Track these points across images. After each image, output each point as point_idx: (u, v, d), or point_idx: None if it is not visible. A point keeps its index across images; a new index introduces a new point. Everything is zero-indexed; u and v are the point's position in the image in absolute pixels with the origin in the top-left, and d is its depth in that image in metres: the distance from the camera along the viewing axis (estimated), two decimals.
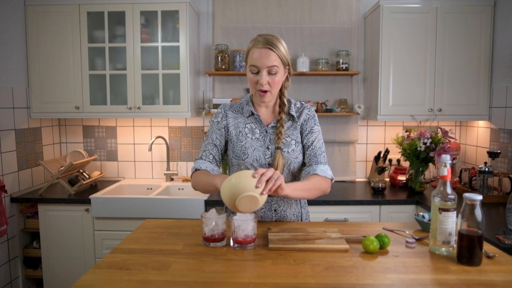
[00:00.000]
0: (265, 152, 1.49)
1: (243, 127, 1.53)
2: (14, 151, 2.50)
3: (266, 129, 1.52)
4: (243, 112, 1.56)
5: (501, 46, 2.53)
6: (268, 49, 1.40)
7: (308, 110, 1.58)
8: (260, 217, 1.55)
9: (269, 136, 1.51)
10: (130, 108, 2.65)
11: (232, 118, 1.56)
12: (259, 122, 1.53)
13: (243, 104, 1.58)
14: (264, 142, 1.50)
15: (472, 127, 2.86)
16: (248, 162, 1.49)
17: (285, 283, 1.00)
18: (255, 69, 1.42)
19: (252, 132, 1.52)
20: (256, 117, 1.53)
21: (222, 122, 1.56)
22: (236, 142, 1.52)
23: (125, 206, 2.40)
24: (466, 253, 1.10)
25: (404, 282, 1.00)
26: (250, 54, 1.44)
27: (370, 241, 1.19)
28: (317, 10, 2.90)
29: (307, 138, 1.55)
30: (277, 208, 1.55)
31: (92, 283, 1.00)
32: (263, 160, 1.49)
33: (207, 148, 1.55)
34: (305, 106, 1.60)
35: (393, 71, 2.62)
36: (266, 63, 1.40)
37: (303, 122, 1.56)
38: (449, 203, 1.16)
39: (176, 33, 2.65)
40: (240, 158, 1.50)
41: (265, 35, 1.45)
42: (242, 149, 1.50)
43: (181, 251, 1.22)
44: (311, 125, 1.56)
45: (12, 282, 2.47)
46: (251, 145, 1.50)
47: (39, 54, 2.63)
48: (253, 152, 1.49)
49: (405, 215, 2.41)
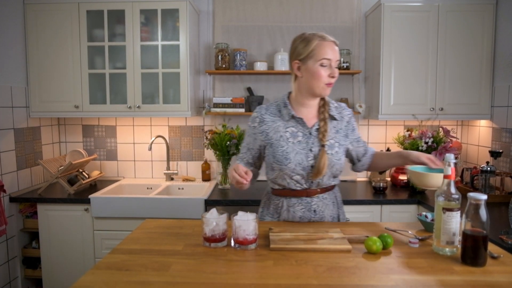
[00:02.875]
0: (307, 154, 1.47)
1: (284, 131, 1.50)
2: (13, 150, 2.48)
3: (310, 131, 1.49)
4: (282, 115, 1.52)
5: (503, 45, 2.52)
6: (334, 44, 1.47)
7: (347, 111, 1.61)
8: (299, 217, 1.53)
9: (312, 138, 1.49)
10: (130, 107, 2.64)
11: (271, 122, 1.52)
12: (301, 125, 1.50)
13: (280, 107, 1.54)
14: (307, 144, 1.48)
15: (474, 127, 2.85)
16: (291, 167, 1.46)
17: (287, 284, 0.99)
18: (327, 62, 1.43)
19: (293, 136, 1.49)
20: (298, 120, 1.50)
21: (259, 128, 1.53)
22: (277, 147, 1.48)
23: (124, 206, 2.39)
24: (470, 253, 1.09)
25: (408, 283, 0.99)
26: (320, 47, 1.44)
27: (373, 241, 1.18)
28: (318, 9, 2.89)
29: (352, 135, 1.60)
30: (316, 208, 1.53)
31: (91, 284, 0.99)
32: (305, 162, 1.46)
33: (243, 153, 1.61)
34: (342, 106, 1.62)
35: (395, 70, 2.61)
36: (336, 57, 1.45)
37: (347, 123, 1.59)
38: (453, 203, 1.15)
39: (176, 32, 2.63)
40: (282, 163, 1.46)
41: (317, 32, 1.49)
42: (284, 154, 1.47)
43: (181, 252, 1.21)
44: (353, 123, 1.61)
45: (11, 282, 2.46)
46: (293, 149, 1.47)
47: (38, 52, 2.62)
48: (295, 156, 1.46)
49: (407, 215, 2.40)
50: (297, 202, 1.52)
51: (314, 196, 1.52)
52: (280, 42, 2.91)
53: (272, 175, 1.54)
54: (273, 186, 1.57)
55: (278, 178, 1.51)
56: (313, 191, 1.51)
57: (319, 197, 1.53)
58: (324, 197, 1.54)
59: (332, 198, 1.57)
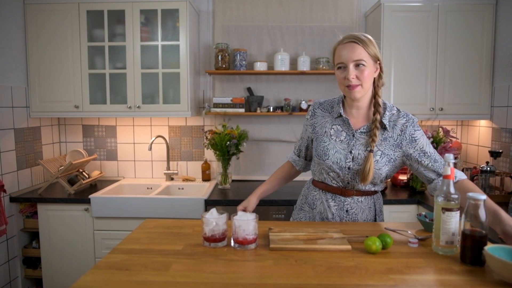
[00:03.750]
0: (347, 155, 1.45)
1: (330, 128, 1.51)
2: (13, 150, 2.49)
3: (353, 133, 1.47)
4: (333, 111, 1.53)
5: (503, 45, 2.52)
6: (353, 43, 1.38)
7: (403, 120, 1.46)
8: (332, 213, 1.52)
9: (355, 140, 1.46)
10: (130, 107, 2.64)
11: (320, 116, 1.55)
12: (347, 125, 1.48)
13: (334, 103, 1.55)
14: (348, 145, 1.46)
15: (473, 127, 2.85)
16: (328, 164, 1.47)
17: (287, 284, 0.99)
18: (342, 65, 1.40)
19: (337, 135, 1.49)
20: (345, 119, 1.48)
21: (310, 120, 1.58)
22: (320, 142, 1.51)
23: (125, 205, 2.39)
24: (470, 253, 1.09)
25: (407, 283, 0.99)
26: (337, 52, 1.42)
27: (373, 241, 1.18)
28: (318, 9, 2.89)
29: (412, 146, 1.44)
30: (349, 209, 1.52)
31: (91, 284, 0.99)
32: (343, 163, 1.45)
33: (298, 140, 1.70)
34: (401, 114, 1.47)
35: (394, 70, 2.61)
36: (352, 57, 1.37)
37: (400, 133, 1.45)
38: (452, 202, 1.15)
39: (176, 32, 2.64)
40: (321, 158, 1.49)
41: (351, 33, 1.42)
42: (324, 149, 1.48)
43: (181, 252, 1.21)
44: (411, 132, 1.44)
45: (12, 282, 2.46)
46: (334, 147, 1.47)
47: (38, 53, 2.62)
48: (334, 154, 1.46)
49: (407, 215, 2.40)
50: (332, 198, 1.53)
51: (348, 197, 1.51)
52: (280, 42, 2.91)
53: (314, 166, 1.59)
54: (314, 176, 1.61)
55: (317, 171, 1.56)
56: (349, 191, 1.50)
57: (353, 199, 1.51)
58: (360, 200, 1.51)
59: (369, 204, 1.53)
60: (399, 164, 1.50)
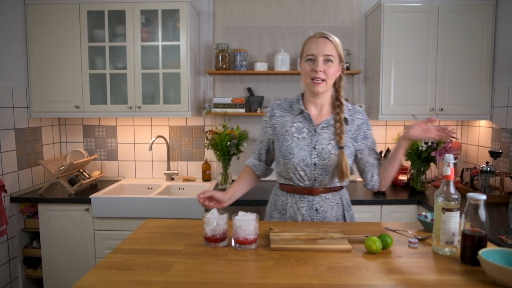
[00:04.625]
0: (311, 152, 1.48)
1: (290, 126, 1.52)
2: (14, 150, 2.49)
3: (315, 128, 1.50)
4: (292, 110, 1.55)
5: (503, 45, 2.52)
6: (325, 38, 1.45)
7: (361, 115, 1.56)
8: (302, 215, 1.54)
9: (317, 136, 1.49)
10: (131, 108, 2.64)
11: (280, 116, 1.56)
12: (308, 121, 1.51)
13: (293, 102, 1.57)
14: (311, 141, 1.49)
15: (473, 127, 2.85)
16: (294, 162, 1.48)
17: (288, 283, 0.99)
18: (311, 57, 1.43)
19: (298, 132, 1.51)
20: (306, 115, 1.51)
21: (269, 122, 1.58)
22: (282, 141, 1.52)
23: (125, 205, 2.39)
24: (470, 253, 1.09)
25: (407, 283, 0.99)
26: (306, 46, 1.46)
27: (373, 241, 1.18)
28: (318, 9, 2.89)
29: (363, 142, 1.55)
30: (318, 208, 1.53)
31: (92, 283, 0.99)
32: (309, 160, 1.47)
33: (256, 145, 1.67)
34: (357, 109, 1.58)
35: (395, 70, 2.61)
36: (323, 51, 1.42)
37: (357, 127, 1.54)
38: (452, 203, 1.15)
39: (177, 32, 2.64)
40: (286, 157, 1.49)
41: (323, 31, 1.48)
42: (288, 148, 1.49)
43: (182, 252, 1.21)
44: (365, 130, 1.55)
45: (12, 282, 2.46)
46: (297, 145, 1.49)
47: (39, 53, 2.62)
48: (299, 152, 1.48)
49: (407, 215, 2.40)
50: (300, 200, 1.54)
51: (316, 195, 1.53)
52: (280, 42, 2.91)
53: (278, 168, 1.58)
54: (279, 179, 1.60)
55: (284, 172, 1.55)
56: (316, 189, 1.52)
57: (321, 197, 1.53)
58: (327, 197, 1.54)
59: (337, 200, 1.56)
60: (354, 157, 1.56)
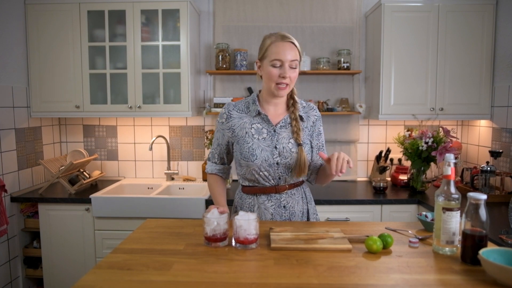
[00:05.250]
0: (273, 151, 1.50)
1: (249, 128, 1.53)
2: (14, 150, 2.49)
3: (274, 128, 1.52)
4: (249, 111, 1.55)
5: (503, 45, 2.52)
6: (292, 44, 1.46)
7: (315, 111, 1.62)
8: (271, 214, 1.55)
9: (277, 135, 1.51)
10: (131, 107, 2.64)
11: (237, 118, 1.55)
12: (266, 122, 1.53)
13: (249, 103, 1.57)
14: (272, 141, 1.50)
15: (474, 126, 2.85)
16: (257, 163, 1.49)
17: (288, 283, 0.99)
18: (278, 62, 1.44)
19: (258, 133, 1.51)
20: (263, 116, 1.53)
21: (226, 124, 1.56)
22: (243, 143, 1.51)
23: (125, 205, 2.39)
24: (470, 253, 1.09)
25: (407, 283, 0.99)
26: (271, 48, 1.45)
27: (373, 241, 1.19)
28: (318, 9, 2.89)
29: (317, 139, 1.61)
30: (286, 204, 1.56)
31: (93, 283, 1.00)
32: (271, 159, 1.49)
33: (214, 149, 1.63)
34: (310, 106, 1.63)
35: (395, 70, 2.61)
36: (290, 57, 1.43)
37: (312, 124, 1.60)
38: (453, 202, 1.15)
39: (177, 32, 2.64)
40: (248, 159, 1.49)
41: (280, 32, 1.48)
42: (250, 150, 1.49)
43: (182, 251, 1.21)
44: (319, 126, 1.62)
45: (12, 282, 2.46)
46: (258, 146, 1.50)
47: (39, 53, 2.62)
48: (261, 153, 1.49)
49: (407, 215, 2.40)
50: (267, 199, 1.55)
51: (283, 192, 1.55)
52: None
53: (241, 171, 1.57)
54: (243, 182, 1.60)
55: (247, 174, 1.54)
56: (281, 187, 1.54)
57: (287, 193, 1.56)
58: (293, 193, 1.57)
59: (300, 194, 1.60)
60: None
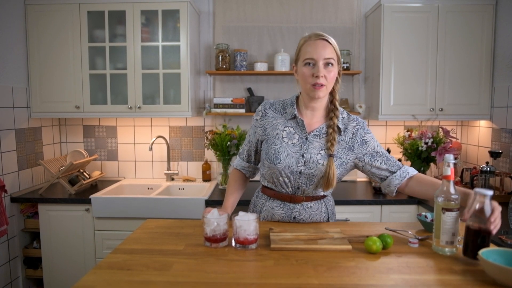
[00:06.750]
0: (298, 159, 1.42)
1: (281, 130, 1.45)
2: (14, 150, 2.49)
3: (306, 136, 1.43)
4: (285, 113, 1.47)
5: (503, 45, 2.52)
6: (325, 41, 1.37)
7: (354, 123, 1.48)
8: (277, 220, 1.52)
9: (307, 143, 1.43)
10: (131, 108, 2.65)
11: (272, 118, 1.48)
12: (301, 127, 1.44)
13: (286, 105, 1.49)
14: (301, 149, 1.42)
15: (473, 127, 2.85)
16: (279, 168, 1.42)
17: (288, 283, 0.99)
18: (310, 61, 1.35)
19: (289, 137, 1.44)
20: (299, 121, 1.44)
21: (260, 122, 1.50)
22: (271, 144, 1.45)
23: (125, 206, 2.39)
24: (472, 247, 1.10)
25: (407, 283, 0.99)
26: (304, 48, 1.39)
27: (373, 241, 1.19)
28: (318, 10, 2.90)
29: (363, 150, 1.46)
30: (297, 216, 1.50)
31: (93, 283, 1.00)
32: (295, 167, 1.42)
33: (244, 144, 1.60)
34: (352, 118, 1.49)
35: (394, 70, 2.61)
36: (323, 54, 1.35)
37: (352, 136, 1.46)
38: (452, 203, 1.15)
39: (177, 33, 2.64)
40: (272, 161, 1.43)
41: (315, 31, 1.41)
42: (275, 153, 1.43)
43: (182, 252, 1.21)
44: (362, 137, 1.47)
45: (12, 282, 2.46)
46: (285, 150, 1.42)
47: (39, 53, 2.62)
48: (285, 158, 1.41)
49: (407, 215, 2.40)
50: (279, 206, 1.51)
51: (298, 203, 1.49)
52: (280, 42, 2.91)
53: (263, 170, 1.52)
54: (263, 182, 1.56)
55: (268, 175, 1.50)
56: (298, 197, 1.48)
57: (303, 205, 1.49)
58: (309, 206, 1.50)
59: (319, 208, 1.52)
60: (350, 167, 1.50)
